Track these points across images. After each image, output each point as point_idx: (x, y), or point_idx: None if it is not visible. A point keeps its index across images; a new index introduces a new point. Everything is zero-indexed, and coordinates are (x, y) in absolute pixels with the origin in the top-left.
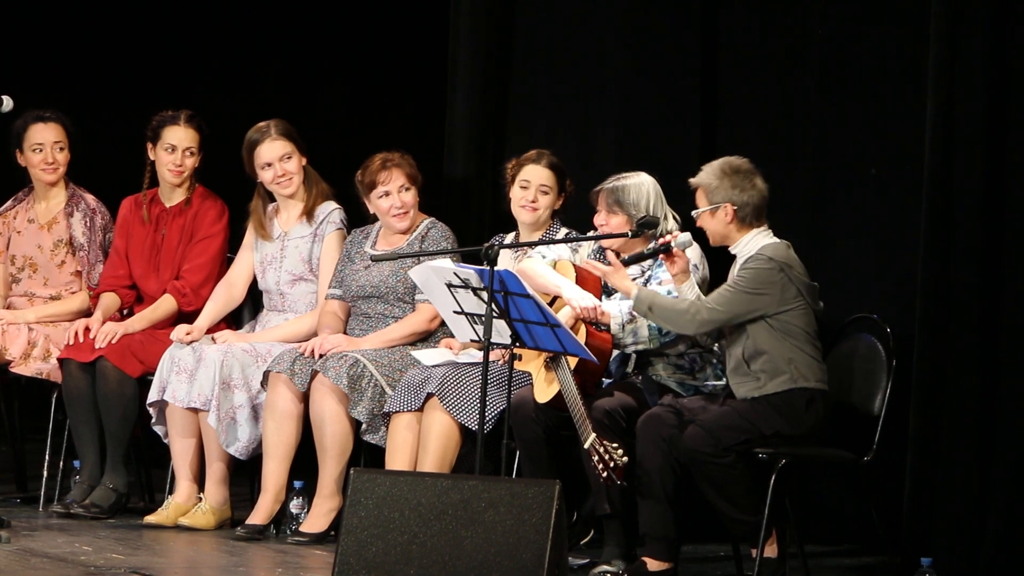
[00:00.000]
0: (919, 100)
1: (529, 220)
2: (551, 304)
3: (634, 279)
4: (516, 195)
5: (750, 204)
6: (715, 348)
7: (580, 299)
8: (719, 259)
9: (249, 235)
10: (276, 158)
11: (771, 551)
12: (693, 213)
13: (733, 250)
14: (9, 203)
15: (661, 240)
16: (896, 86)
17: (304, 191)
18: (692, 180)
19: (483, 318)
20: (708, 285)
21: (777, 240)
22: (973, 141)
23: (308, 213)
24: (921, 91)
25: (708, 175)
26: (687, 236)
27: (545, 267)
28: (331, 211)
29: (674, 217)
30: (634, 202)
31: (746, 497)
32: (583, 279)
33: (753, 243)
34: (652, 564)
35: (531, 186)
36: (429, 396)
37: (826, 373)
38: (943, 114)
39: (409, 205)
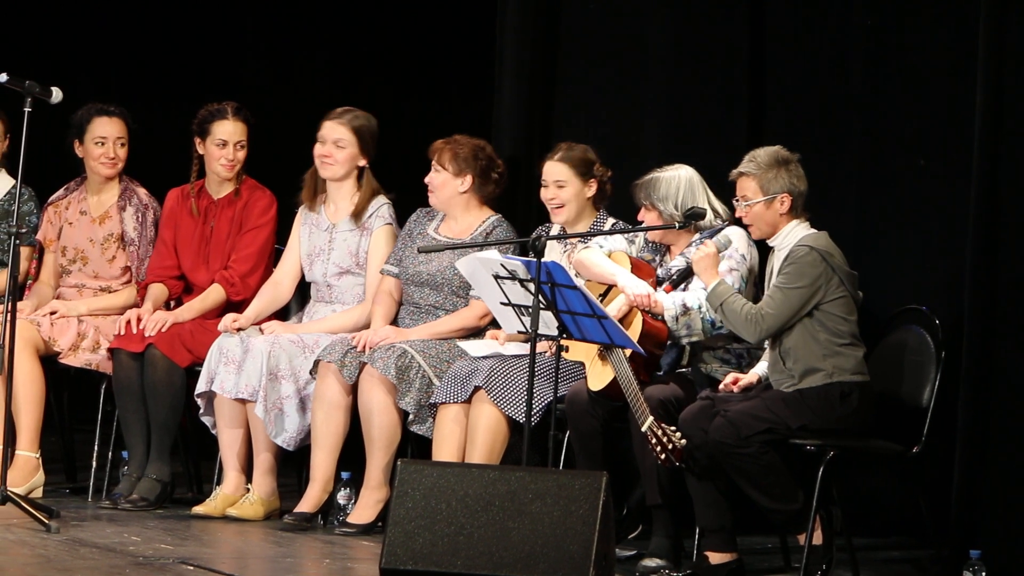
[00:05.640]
0: (968, 90)
1: (560, 219)
2: (607, 293)
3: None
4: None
5: (804, 194)
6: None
7: (634, 287)
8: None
9: (295, 233)
10: (331, 139)
11: (816, 539)
12: (744, 204)
13: (772, 242)
14: (60, 192)
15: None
16: (945, 76)
17: (356, 189)
18: (743, 169)
19: (530, 309)
20: (756, 275)
21: (815, 231)
22: (1022, 131)
23: (357, 214)
24: (970, 81)
25: (762, 166)
26: (725, 238)
27: (601, 256)
28: (380, 206)
29: (712, 209)
30: (662, 197)
31: (778, 487)
32: (638, 269)
33: (792, 235)
34: (714, 557)
35: (549, 183)
36: (476, 389)
37: (865, 364)
38: (992, 104)
39: (435, 185)
